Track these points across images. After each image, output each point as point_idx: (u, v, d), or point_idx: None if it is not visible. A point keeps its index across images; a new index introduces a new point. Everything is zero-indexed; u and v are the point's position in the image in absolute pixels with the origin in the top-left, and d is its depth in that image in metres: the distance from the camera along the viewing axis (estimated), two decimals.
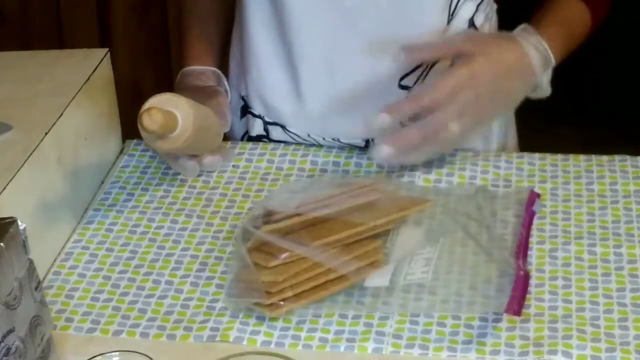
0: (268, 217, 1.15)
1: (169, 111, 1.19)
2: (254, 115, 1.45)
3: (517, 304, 1.07)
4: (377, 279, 1.13)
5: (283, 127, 1.42)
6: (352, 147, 1.40)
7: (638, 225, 1.23)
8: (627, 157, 1.35)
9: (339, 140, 1.39)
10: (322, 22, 1.35)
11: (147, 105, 1.19)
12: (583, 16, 1.37)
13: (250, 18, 1.40)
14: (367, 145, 1.38)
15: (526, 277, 1.11)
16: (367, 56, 1.35)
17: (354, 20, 1.34)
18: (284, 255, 1.10)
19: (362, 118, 1.35)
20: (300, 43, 1.37)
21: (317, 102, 1.39)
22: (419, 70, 1.36)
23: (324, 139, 1.40)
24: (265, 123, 1.44)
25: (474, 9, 1.37)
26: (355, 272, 1.12)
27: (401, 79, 1.36)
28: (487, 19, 1.39)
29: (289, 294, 1.09)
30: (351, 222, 1.15)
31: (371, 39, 1.34)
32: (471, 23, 1.37)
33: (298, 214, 1.14)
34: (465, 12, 1.36)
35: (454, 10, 1.35)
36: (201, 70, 1.44)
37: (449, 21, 1.35)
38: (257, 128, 1.44)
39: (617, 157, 1.35)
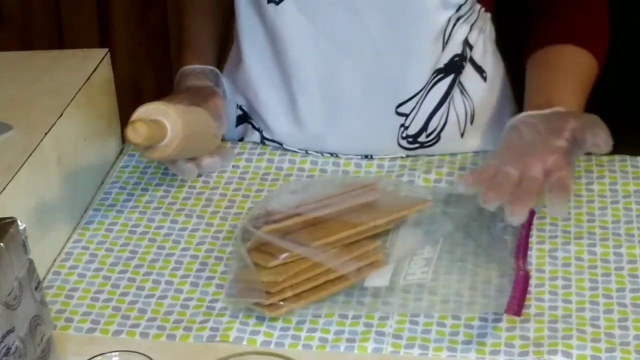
0: (268, 217, 1.15)
1: (156, 121, 1.19)
2: (254, 127, 1.44)
3: (517, 304, 1.07)
4: (377, 279, 1.13)
5: (280, 144, 1.42)
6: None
7: (638, 225, 1.23)
8: (627, 157, 1.35)
9: (337, 156, 1.39)
10: (317, 50, 1.34)
11: (134, 116, 1.19)
12: (590, 65, 1.36)
13: (246, 44, 1.39)
14: (366, 157, 1.38)
15: (526, 278, 1.11)
16: (362, 86, 1.35)
17: (349, 48, 1.34)
18: (283, 256, 1.10)
19: (360, 139, 1.35)
20: (296, 69, 1.36)
21: (314, 124, 1.38)
22: (415, 99, 1.35)
23: (322, 154, 1.39)
24: (263, 138, 1.43)
25: (469, 29, 1.36)
26: (355, 272, 1.12)
27: (398, 106, 1.36)
28: (480, 32, 1.38)
29: (289, 294, 1.09)
30: (351, 222, 1.15)
31: (365, 70, 1.34)
32: (465, 43, 1.36)
33: (298, 214, 1.14)
34: (460, 35, 1.35)
35: (448, 38, 1.34)
36: (200, 69, 1.44)
37: (443, 48, 1.35)
38: (254, 139, 1.44)
39: (617, 157, 1.34)
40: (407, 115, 1.36)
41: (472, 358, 1.05)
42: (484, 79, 1.40)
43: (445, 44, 1.34)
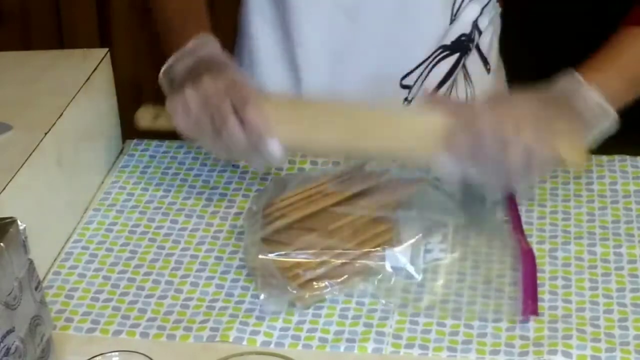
0: (268, 209, 1.16)
1: None
2: None
3: (531, 302, 1.08)
4: (397, 258, 1.13)
5: None
6: None
7: (638, 225, 1.23)
8: (627, 157, 1.35)
9: None
10: (326, 23, 1.35)
11: None
12: None
13: (254, 20, 1.40)
14: None
15: (533, 272, 1.12)
16: (369, 56, 1.35)
17: (357, 21, 1.34)
18: (300, 254, 1.12)
19: None
20: (304, 38, 1.36)
21: (317, 92, 1.39)
22: (420, 69, 1.36)
23: None
24: None
25: (479, 11, 1.36)
26: (370, 255, 1.13)
27: (402, 78, 1.36)
28: (491, 22, 1.39)
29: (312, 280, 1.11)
30: (358, 205, 1.16)
31: (374, 38, 1.34)
32: (474, 25, 1.36)
33: (298, 202, 1.16)
34: (469, 14, 1.36)
35: (457, 11, 1.35)
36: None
37: (451, 21, 1.35)
38: None
39: (617, 157, 1.35)
40: (410, 88, 1.36)
41: (472, 358, 1.05)
42: (488, 70, 1.41)
43: (453, 17, 1.34)
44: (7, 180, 1.11)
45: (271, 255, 1.12)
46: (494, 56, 1.42)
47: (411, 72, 1.36)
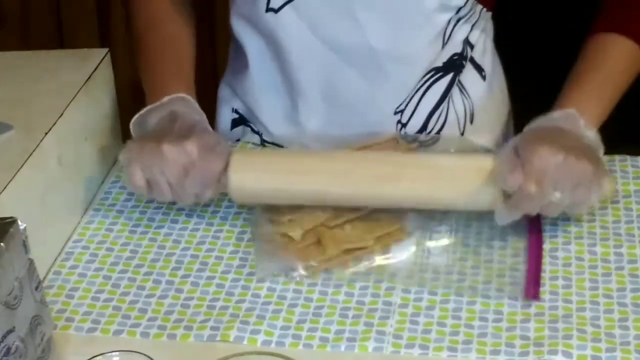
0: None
1: None
2: (253, 130, 1.44)
3: (533, 286, 1.10)
4: (400, 253, 1.17)
5: (280, 146, 1.42)
6: None
7: (638, 225, 1.23)
8: (627, 157, 1.35)
9: None
10: (317, 56, 1.33)
11: None
12: (631, 62, 1.30)
13: (249, 52, 1.39)
14: None
15: (539, 257, 1.14)
16: (364, 86, 1.34)
17: (349, 54, 1.33)
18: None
19: (359, 143, 1.35)
20: (297, 75, 1.36)
21: (314, 130, 1.39)
22: (413, 95, 1.35)
23: None
24: (263, 141, 1.43)
25: (469, 29, 1.36)
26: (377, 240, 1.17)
27: (397, 106, 1.36)
28: (482, 31, 1.39)
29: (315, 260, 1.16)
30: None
31: (366, 71, 1.34)
32: (466, 42, 1.36)
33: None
34: (460, 35, 1.35)
35: (449, 37, 1.34)
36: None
37: (443, 46, 1.35)
38: (253, 141, 1.44)
39: (617, 157, 1.35)
40: (402, 111, 1.36)
41: (472, 358, 1.05)
42: (483, 77, 1.40)
43: (444, 43, 1.34)
44: (7, 180, 1.11)
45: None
46: (488, 59, 1.41)
47: (405, 101, 1.36)
